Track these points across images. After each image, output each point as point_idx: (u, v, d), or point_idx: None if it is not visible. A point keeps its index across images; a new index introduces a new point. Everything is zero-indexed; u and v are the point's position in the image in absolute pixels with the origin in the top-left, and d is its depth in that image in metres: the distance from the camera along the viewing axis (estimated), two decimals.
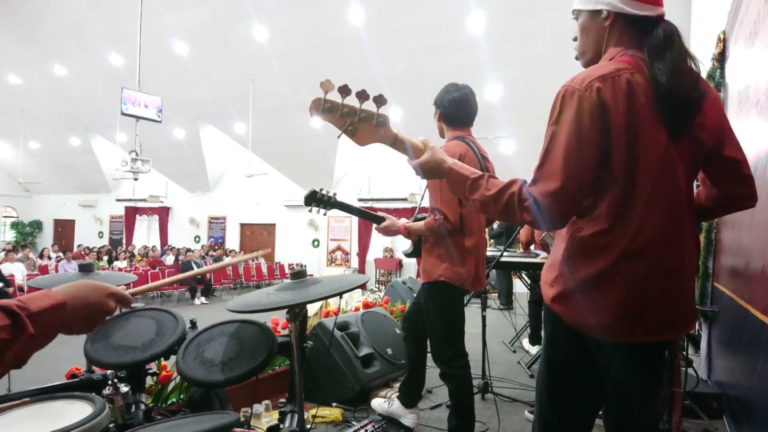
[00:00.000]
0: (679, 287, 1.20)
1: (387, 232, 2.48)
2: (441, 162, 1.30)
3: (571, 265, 1.23)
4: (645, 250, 1.15)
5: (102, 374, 1.97)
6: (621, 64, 1.17)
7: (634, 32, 1.22)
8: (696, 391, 3.11)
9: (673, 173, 1.17)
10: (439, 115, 2.50)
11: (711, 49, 3.95)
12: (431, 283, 2.39)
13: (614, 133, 1.12)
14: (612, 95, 1.12)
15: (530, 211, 1.15)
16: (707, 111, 1.20)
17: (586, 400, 1.31)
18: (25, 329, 0.74)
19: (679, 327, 1.23)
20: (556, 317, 1.27)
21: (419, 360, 2.74)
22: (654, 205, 1.15)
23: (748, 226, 2.49)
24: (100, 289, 0.90)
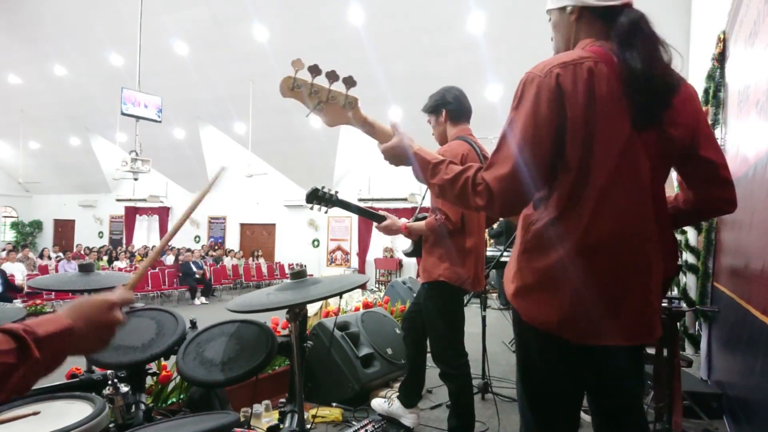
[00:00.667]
0: (645, 289, 1.15)
1: (388, 231, 2.48)
2: (407, 147, 1.30)
3: (527, 259, 1.20)
4: (600, 244, 1.12)
5: (102, 374, 1.97)
6: (586, 53, 1.15)
7: (601, 24, 1.20)
8: (696, 391, 3.11)
9: (635, 168, 1.13)
10: (446, 114, 2.48)
11: (711, 49, 3.95)
12: (431, 282, 2.39)
13: (571, 121, 1.10)
14: (571, 82, 1.10)
15: (482, 196, 1.14)
16: (681, 107, 1.16)
17: (564, 399, 1.25)
18: (31, 354, 0.72)
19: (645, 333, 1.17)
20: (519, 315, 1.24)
21: (419, 360, 2.74)
22: (610, 198, 1.12)
23: (748, 226, 2.49)
24: (102, 303, 0.88)
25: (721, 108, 3.73)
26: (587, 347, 1.16)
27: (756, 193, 2.30)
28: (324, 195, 2.28)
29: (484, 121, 9.77)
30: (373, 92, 10.15)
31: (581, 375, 1.23)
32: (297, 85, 1.26)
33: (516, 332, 1.30)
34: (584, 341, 1.15)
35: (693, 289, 4.09)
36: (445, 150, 2.33)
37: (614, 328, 1.14)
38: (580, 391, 1.27)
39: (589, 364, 1.21)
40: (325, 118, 1.31)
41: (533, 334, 1.21)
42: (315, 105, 1.27)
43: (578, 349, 1.17)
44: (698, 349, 4.07)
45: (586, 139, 1.11)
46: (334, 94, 1.27)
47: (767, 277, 2.06)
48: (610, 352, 1.18)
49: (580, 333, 1.15)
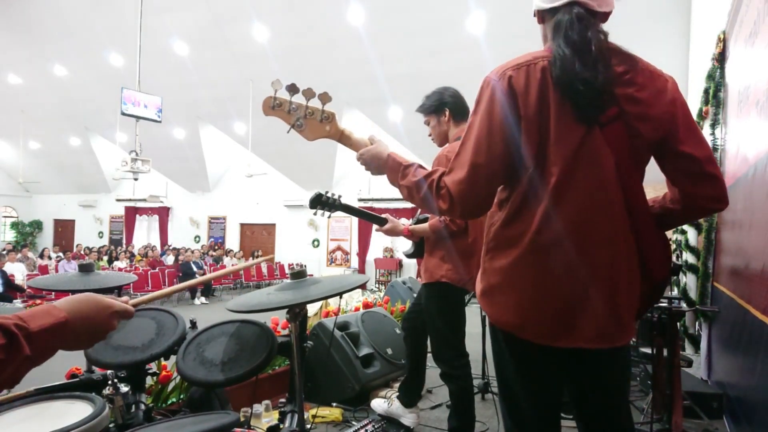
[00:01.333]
0: (611, 290, 1.12)
1: (390, 234, 2.49)
2: (381, 152, 1.34)
3: (489, 259, 1.21)
4: (555, 242, 1.10)
5: (102, 374, 1.96)
6: (544, 52, 1.16)
7: None
8: (696, 391, 3.11)
9: (595, 164, 1.10)
10: (449, 114, 2.45)
11: (711, 49, 3.95)
12: (433, 283, 2.39)
13: (524, 120, 1.11)
14: (524, 83, 1.11)
15: (444, 200, 1.17)
16: (652, 100, 1.13)
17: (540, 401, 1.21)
18: (21, 350, 0.72)
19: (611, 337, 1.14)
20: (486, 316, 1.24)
21: (419, 360, 2.74)
22: (566, 196, 1.10)
23: (748, 226, 2.49)
24: (104, 308, 0.87)
25: (721, 108, 3.73)
26: (553, 349, 1.14)
27: (756, 193, 2.30)
28: (328, 199, 2.28)
29: None
30: (373, 92, 10.15)
31: (553, 376, 1.21)
32: (277, 104, 1.34)
33: (490, 332, 1.29)
34: (546, 342, 1.14)
35: (693, 289, 4.09)
36: (449, 151, 2.31)
37: (575, 329, 1.11)
38: (556, 392, 1.24)
39: (558, 366, 1.19)
40: (304, 134, 1.38)
41: (501, 335, 1.21)
42: (294, 121, 1.36)
43: (544, 350, 1.15)
44: (698, 349, 4.07)
45: (540, 139, 1.11)
46: (312, 110, 1.36)
47: (767, 277, 2.06)
48: (579, 353, 1.15)
49: (541, 334, 1.13)
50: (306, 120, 1.36)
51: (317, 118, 1.36)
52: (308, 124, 1.37)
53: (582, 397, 1.25)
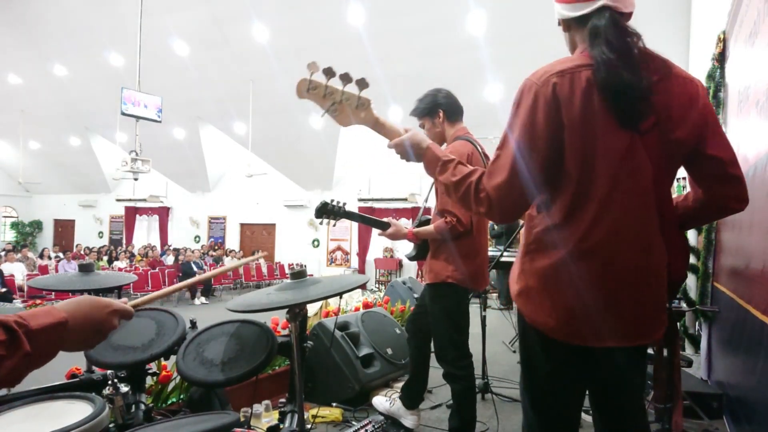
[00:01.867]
0: (644, 291, 1.15)
1: (393, 238, 2.48)
2: (420, 141, 1.34)
3: (529, 261, 1.22)
4: (597, 248, 1.12)
5: (102, 374, 1.97)
6: (587, 59, 1.14)
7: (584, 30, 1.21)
8: (696, 391, 3.11)
9: (637, 172, 1.13)
10: (443, 114, 2.46)
11: (711, 49, 3.95)
12: (438, 284, 2.38)
13: (569, 130, 1.10)
14: (568, 91, 1.10)
15: (483, 203, 1.18)
16: (682, 107, 1.15)
17: (566, 399, 1.25)
18: (21, 346, 0.73)
19: (645, 334, 1.18)
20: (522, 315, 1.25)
21: (423, 362, 2.73)
22: (611, 204, 1.12)
23: (748, 226, 2.49)
24: (103, 307, 0.89)
25: (721, 108, 3.73)
26: (586, 348, 1.17)
27: (756, 193, 2.30)
28: (333, 208, 2.29)
29: (484, 121, 9.82)
30: (373, 92, 9.99)
31: (582, 375, 1.23)
32: (312, 87, 1.30)
33: (519, 331, 1.32)
34: (582, 342, 1.16)
35: (693, 289, 4.09)
36: (451, 151, 2.31)
37: (611, 329, 1.14)
38: (581, 391, 1.28)
39: (589, 365, 1.21)
40: (338, 119, 1.35)
41: (535, 334, 1.23)
42: (329, 106, 1.32)
43: (578, 350, 1.18)
44: (698, 349, 4.07)
45: (586, 148, 1.11)
46: (348, 96, 1.32)
47: (767, 277, 2.06)
48: (610, 353, 1.18)
49: (578, 335, 1.16)
50: (341, 105, 1.33)
51: (353, 104, 1.34)
52: (343, 109, 1.34)
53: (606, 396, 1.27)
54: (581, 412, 1.31)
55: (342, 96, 1.32)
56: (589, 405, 1.35)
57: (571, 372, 1.22)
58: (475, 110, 9.20)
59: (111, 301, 0.91)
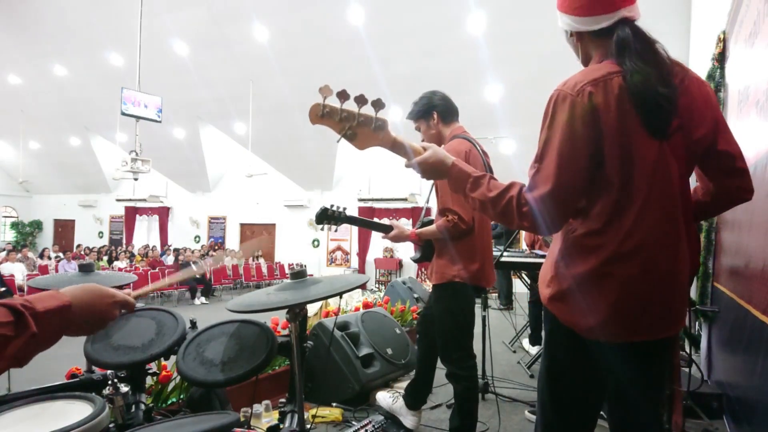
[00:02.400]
0: (673, 289, 1.20)
1: (396, 241, 2.48)
2: (443, 158, 1.32)
3: (566, 265, 1.24)
4: (637, 251, 1.15)
5: (102, 374, 1.97)
6: (612, 67, 1.17)
7: (602, 41, 1.24)
8: (696, 391, 3.11)
9: (668, 175, 1.17)
10: (437, 116, 2.47)
11: (711, 49, 3.95)
12: (444, 284, 2.38)
13: (607, 137, 1.13)
14: (604, 99, 1.12)
15: (528, 217, 1.17)
16: (699, 107, 1.20)
17: (587, 400, 1.30)
18: (28, 327, 0.75)
19: (671, 326, 1.23)
20: (554, 318, 1.27)
21: (430, 366, 2.73)
22: (649, 207, 1.15)
23: (748, 226, 2.49)
24: (106, 297, 0.92)
25: (721, 108, 3.73)
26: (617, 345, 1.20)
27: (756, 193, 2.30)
28: (333, 213, 2.28)
29: (483, 121, 9.84)
30: (373, 92, 10.07)
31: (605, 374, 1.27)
32: (326, 112, 1.25)
33: (548, 333, 1.35)
34: (617, 340, 1.20)
35: (693, 289, 4.09)
36: (448, 150, 2.31)
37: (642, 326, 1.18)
38: (601, 392, 1.31)
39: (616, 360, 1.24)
40: (356, 143, 1.30)
41: (565, 336, 1.26)
42: (345, 130, 1.27)
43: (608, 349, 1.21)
44: (698, 349, 4.07)
45: (623, 153, 1.14)
46: (364, 118, 1.27)
47: (767, 277, 2.06)
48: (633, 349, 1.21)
49: (616, 334, 1.19)
50: (358, 128, 1.28)
51: (370, 126, 1.28)
52: (360, 132, 1.28)
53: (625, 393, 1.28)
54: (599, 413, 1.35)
55: (358, 119, 1.27)
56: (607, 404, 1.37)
57: (595, 373, 1.26)
58: (475, 110, 9.22)
59: (115, 291, 0.94)
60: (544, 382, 1.35)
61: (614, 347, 1.21)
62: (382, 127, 1.29)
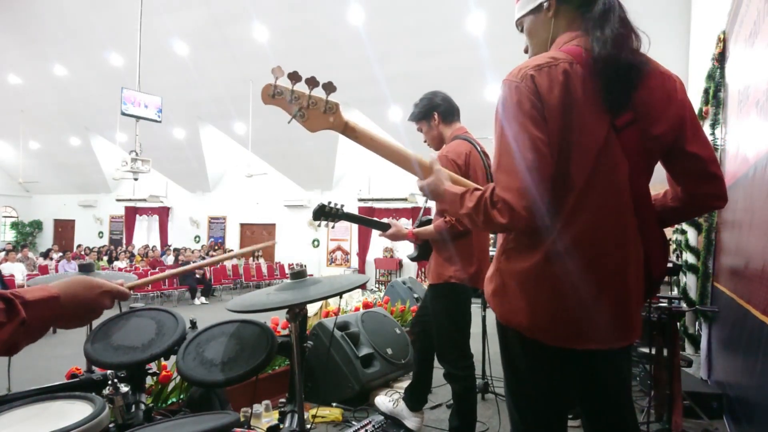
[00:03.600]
0: (621, 292, 1.14)
1: (394, 239, 2.48)
2: (438, 186, 1.26)
3: (506, 260, 1.21)
4: (573, 248, 1.11)
5: (102, 374, 1.96)
6: (561, 54, 1.13)
7: (582, 13, 1.19)
8: (696, 391, 3.11)
9: (613, 169, 1.12)
10: (438, 116, 2.47)
11: (711, 49, 3.95)
12: (440, 284, 2.38)
13: (549, 122, 1.09)
14: (547, 84, 1.08)
15: (503, 213, 1.09)
16: (661, 103, 1.14)
17: (549, 401, 1.23)
18: (18, 313, 0.78)
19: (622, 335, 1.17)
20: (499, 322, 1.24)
21: (428, 365, 2.73)
22: (586, 201, 1.11)
23: (748, 226, 2.49)
24: (94, 287, 0.94)
25: (721, 108, 3.73)
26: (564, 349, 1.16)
27: (756, 193, 2.30)
28: (331, 210, 2.28)
29: (483, 121, 9.76)
30: (373, 92, 10.16)
31: (563, 376, 1.22)
32: (278, 92, 1.27)
33: (498, 332, 1.29)
34: (558, 344, 1.15)
35: (693, 289, 4.09)
36: (448, 151, 2.32)
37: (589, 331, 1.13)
38: (564, 392, 1.25)
39: (568, 366, 1.20)
40: (307, 125, 1.31)
41: (512, 335, 1.22)
42: (296, 111, 1.29)
43: (556, 351, 1.16)
44: (698, 349, 4.07)
45: (563, 143, 1.10)
46: (315, 100, 1.28)
47: (767, 277, 2.06)
48: (589, 354, 1.17)
49: (555, 337, 1.15)
50: (308, 110, 1.29)
51: (321, 109, 1.29)
52: (311, 114, 1.29)
53: (591, 396, 1.26)
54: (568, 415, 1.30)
55: (309, 101, 1.28)
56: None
57: (551, 372, 1.21)
58: (475, 110, 9.19)
59: (103, 281, 0.96)
60: (505, 384, 1.31)
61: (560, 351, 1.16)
62: (333, 110, 1.29)
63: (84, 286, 0.93)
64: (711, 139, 3.79)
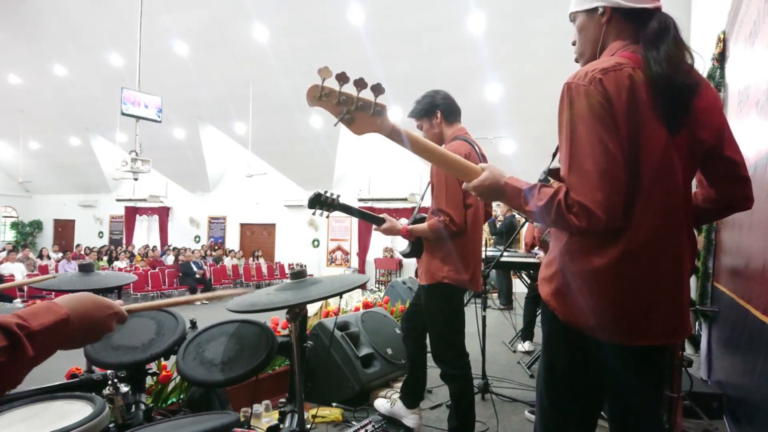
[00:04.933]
0: (678, 289, 1.18)
1: (388, 233, 2.49)
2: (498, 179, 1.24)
3: (569, 261, 1.21)
4: (643, 249, 1.14)
5: (102, 374, 1.97)
6: (622, 59, 1.16)
7: (632, 27, 1.21)
8: (696, 391, 3.11)
9: (672, 171, 1.16)
10: (440, 115, 2.47)
11: (711, 49, 3.95)
12: (434, 284, 2.38)
13: (618, 127, 1.11)
14: (615, 88, 1.11)
15: (579, 216, 1.10)
16: (707, 109, 1.19)
17: (587, 400, 1.28)
18: (25, 352, 0.70)
19: (678, 331, 1.21)
20: (554, 317, 1.25)
21: (420, 360, 2.73)
22: (653, 203, 1.14)
23: (748, 226, 2.49)
24: (104, 307, 0.86)
25: None
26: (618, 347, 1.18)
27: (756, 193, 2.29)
28: (326, 199, 2.28)
29: (484, 121, 9.83)
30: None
31: (606, 375, 1.25)
32: (324, 94, 1.22)
33: (546, 330, 1.32)
34: (620, 341, 1.17)
35: (693, 289, 4.09)
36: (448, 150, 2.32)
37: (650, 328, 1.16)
38: (601, 392, 1.29)
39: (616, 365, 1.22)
40: (353, 127, 1.27)
41: (565, 333, 1.24)
42: (343, 113, 1.24)
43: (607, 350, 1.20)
44: (698, 349, 4.07)
45: (631, 146, 1.12)
46: (363, 102, 1.24)
47: (767, 277, 2.06)
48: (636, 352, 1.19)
49: (618, 334, 1.17)
50: (356, 113, 1.24)
51: (368, 111, 1.24)
52: (358, 117, 1.24)
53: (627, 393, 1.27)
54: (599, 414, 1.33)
55: (357, 103, 1.23)
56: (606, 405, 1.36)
57: (595, 372, 1.24)
58: (475, 110, 9.21)
59: (111, 302, 0.89)
60: (542, 384, 1.33)
61: (614, 349, 1.19)
62: (380, 113, 1.26)
63: (95, 305, 0.85)
64: None
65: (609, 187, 1.09)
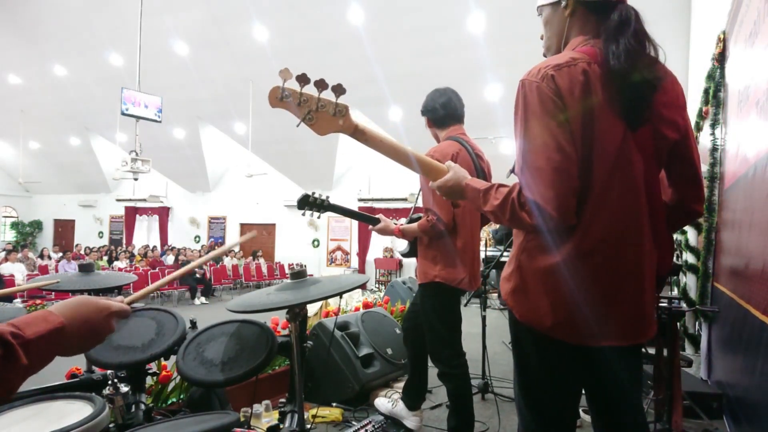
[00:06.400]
0: (638, 289, 1.16)
1: (382, 233, 2.50)
2: (459, 182, 1.27)
3: (525, 260, 1.20)
4: (597, 247, 1.12)
5: (102, 374, 1.97)
6: (578, 54, 1.15)
7: (596, 19, 1.20)
8: (696, 391, 3.11)
9: (629, 168, 1.13)
10: (429, 121, 2.54)
11: (711, 49, 3.95)
12: (427, 283, 2.40)
13: (570, 123, 1.09)
14: (567, 84, 1.09)
15: (531, 214, 1.11)
16: (670, 104, 1.17)
17: (563, 398, 1.24)
18: (18, 360, 0.69)
19: (638, 333, 1.18)
20: (516, 320, 1.24)
21: (421, 361, 2.73)
22: (607, 200, 1.12)
23: (748, 226, 2.49)
24: (102, 310, 0.84)
25: (721, 108, 3.73)
26: (582, 347, 1.17)
27: (756, 193, 2.30)
28: (315, 200, 2.28)
29: (483, 121, 9.83)
30: (373, 92, 10.15)
31: (577, 374, 1.23)
32: (285, 95, 1.24)
33: (512, 330, 1.30)
34: (578, 342, 1.16)
35: (693, 289, 4.09)
36: (435, 151, 2.34)
37: (608, 328, 1.14)
38: (576, 390, 1.27)
39: (584, 364, 1.21)
40: (315, 128, 1.28)
41: (529, 333, 1.22)
42: (305, 114, 1.25)
43: (573, 349, 1.17)
44: (698, 349, 4.07)
45: (584, 141, 1.10)
46: (324, 103, 1.25)
47: (767, 277, 2.06)
48: (605, 352, 1.18)
49: (574, 334, 1.15)
50: (317, 113, 1.25)
51: (330, 112, 1.25)
52: (320, 117, 1.25)
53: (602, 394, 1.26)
54: (578, 412, 1.31)
55: (318, 104, 1.24)
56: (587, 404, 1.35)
57: (565, 371, 1.21)
58: (475, 110, 9.17)
59: (109, 303, 0.87)
60: (517, 387, 1.30)
61: (576, 349, 1.17)
62: (342, 113, 1.26)
63: (92, 309, 0.83)
64: (711, 139, 3.80)
65: (561, 185, 1.08)
